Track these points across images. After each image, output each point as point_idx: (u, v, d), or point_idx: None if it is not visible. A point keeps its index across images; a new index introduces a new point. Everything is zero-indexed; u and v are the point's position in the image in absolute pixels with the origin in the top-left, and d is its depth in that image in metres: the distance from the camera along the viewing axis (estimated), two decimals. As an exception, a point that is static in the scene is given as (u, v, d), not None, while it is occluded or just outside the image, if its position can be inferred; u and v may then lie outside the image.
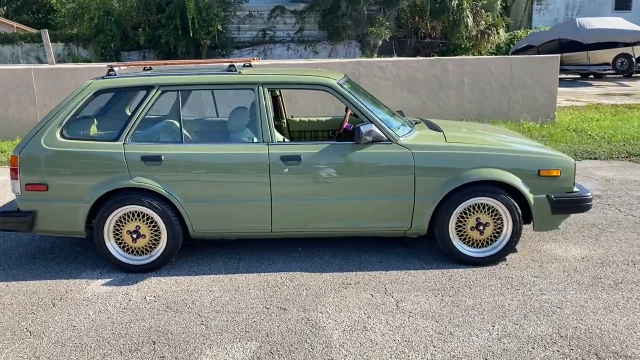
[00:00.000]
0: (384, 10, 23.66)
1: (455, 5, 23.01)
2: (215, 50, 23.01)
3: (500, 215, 3.94)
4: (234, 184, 3.90)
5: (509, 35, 25.25)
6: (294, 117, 5.41)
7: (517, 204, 3.90)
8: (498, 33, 24.03)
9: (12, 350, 3.03)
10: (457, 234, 3.97)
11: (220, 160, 3.89)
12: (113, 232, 3.96)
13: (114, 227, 3.95)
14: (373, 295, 3.59)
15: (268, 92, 3.99)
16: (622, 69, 18.33)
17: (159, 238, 3.97)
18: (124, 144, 3.88)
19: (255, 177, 3.88)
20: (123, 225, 3.95)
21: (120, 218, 3.94)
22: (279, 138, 4.21)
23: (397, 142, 3.89)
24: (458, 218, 3.95)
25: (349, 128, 4.75)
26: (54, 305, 3.55)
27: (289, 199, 3.92)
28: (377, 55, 23.46)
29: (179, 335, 3.15)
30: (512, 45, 23.83)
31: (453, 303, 3.46)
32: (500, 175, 3.84)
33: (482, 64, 9.30)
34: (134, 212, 3.93)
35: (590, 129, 8.84)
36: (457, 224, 3.96)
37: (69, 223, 3.96)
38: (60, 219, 3.96)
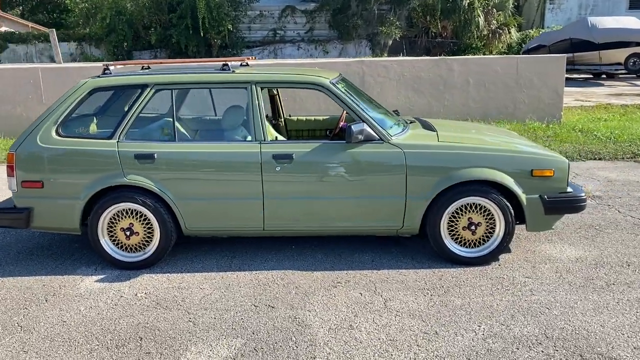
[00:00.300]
0: (395, 10, 23.60)
1: (467, 5, 22.87)
2: (226, 50, 23.09)
3: (493, 215, 3.92)
4: (227, 182, 3.93)
5: (521, 35, 25.07)
6: (292, 116, 5.42)
7: (509, 204, 3.88)
8: (510, 33, 23.86)
9: (1, 345, 3.08)
10: (449, 234, 3.96)
11: (213, 159, 3.92)
12: (107, 229, 4.01)
13: (108, 224, 4.00)
14: (362, 294, 3.59)
15: (261, 91, 4.01)
16: (634, 69, 18.10)
17: (152, 235, 4.01)
18: (118, 142, 3.92)
19: (248, 175, 3.90)
20: (117, 223, 3.99)
21: (114, 215, 3.98)
22: (275, 136, 4.23)
23: (389, 141, 3.89)
24: (450, 218, 3.94)
25: (345, 127, 4.75)
26: (47, 301, 3.60)
27: (281, 198, 3.93)
28: (387, 55, 23.41)
29: (166, 332, 3.18)
30: (523, 45, 23.65)
31: (441, 302, 3.45)
32: (492, 175, 3.83)
33: (487, 64, 9.25)
34: (128, 209, 3.97)
35: (597, 129, 8.76)
36: (449, 224, 3.95)
37: (64, 220, 4.01)
38: (56, 216, 4.02)
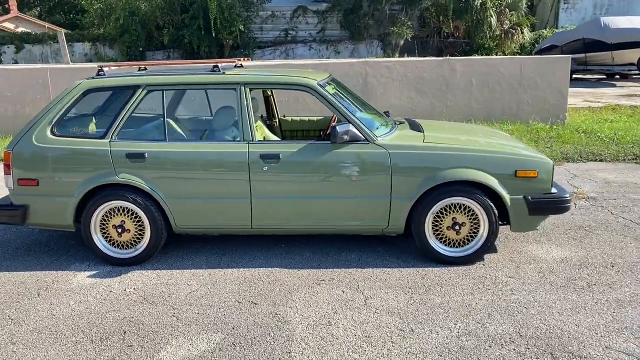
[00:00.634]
0: (406, 10, 23.61)
1: (479, 5, 22.82)
2: (238, 50, 23.28)
3: (477, 216, 3.96)
4: (215, 182, 4.02)
5: (534, 35, 24.93)
6: (286, 116, 5.50)
7: (493, 205, 3.92)
8: (522, 33, 23.76)
9: (-9, 336, 3.20)
10: (433, 233, 4.01)
11: (202, 158, 4.01)
12: (100, 226, 4.12)
13: (101, 221, 4.11)
14: (344, 292, 3.66)
15: (250, 92, 4.09)
16: (647, 70, 17.93)
17: (143, 233, 4.11)
18: (110, 142, 4.03)
19: (236, 174, 3.98)
20: (109, 220, 4.10)
21: (107, 213, 4.09)
22: (264, 137, 4.31)
23: (374, 141, 3.95)
24: (435, 217, 3.99)
25: None
26: (39, 295, 3.72)
27: (268, 197, 4.01)
28: (398, 55, 23.41)
29: (150, 326, 3.28)
30: (536, 45, 23.50)
31: (421, 301, 3.51)
32: (476, 176, 3.87)
33: (491, 65, 9.25)
34: (119, 207, 4.07)
35: (601, 131, 8.71)
36: (433, 224, 4.00)
37: (59, 217, 4.13)
38: (50, 213, 4.14)
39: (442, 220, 3.99)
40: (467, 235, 4.01)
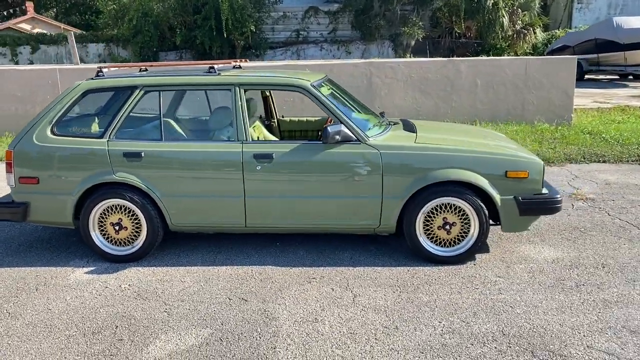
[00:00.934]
0: (418, 10, 23.58)
1: (491, 5, 22.71)
2: (249, 51, 23.44)
3: (468, 216, 4.00)
4: (210, 181, 4.10)
5: (547, 35, 24.77)
6: (285, 117, 5.57)
7: (483, 205, 3.95)
8: (535, 33, 23.61)
9: (-12, 329, 3.31)
10: (424, 233, 4.05)
11: (197, 158, 4.09)
12: (98, 224, 4.22)
13: (99, 219, 4.21)
14: (334, 290, 3.71)
15: (244, 93, 4.16)
16: (660, 70, 17.75)
17: (140, 230, 4.20)
18: (108, 141, 4.13)
19: (230, 174, 4.06)
20: (107, 218, 4.20)
21: (104, 211, 4.19)
22: (257, 137, 4.38)
23: (366, 142, 4.00)
24: (426, 217, 4.03)
25: None
26: (37, 290, 3.82)
27: (261, 196, 4.08)
28: (409, 55, 23.39)
29: (141, 321, 3.36)
30: (549, 45, 23.34)
31: (408, 299, 3.55)
32: (466, 176, 3.90)
33: (496, 65, 9.24)
34: (117, 205, 4.17)
35: (606, 132, 8.67)
36: (424, 223, 4.04)
37: (58, 214, 4.23)
38: (50, 211, 4.24)
39: (433, 220, 4.03)
40: (457, 235, 4.04)
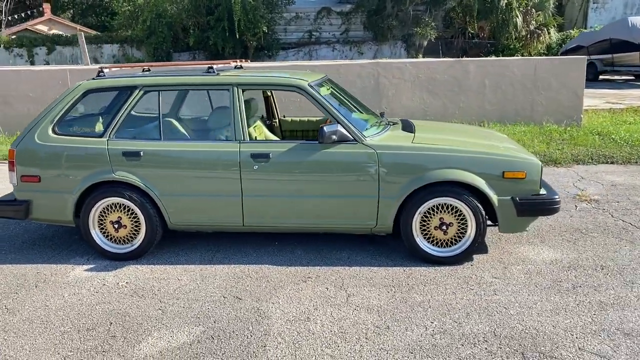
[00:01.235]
0: (430, 11, 23.48)
1: (504, 5, 22.55)
2: (262, 52, 23.51)
3: (464, 216, 3.98)
4: (208, 180, 4.12)
5: (562, 35, 24.51)
6: (286, 116, 5.59)
7: (480, 205, 3.93)
8: (549, 33, 23.38)
9: (-14, 324, 3.36)
10: (421, 233, 4.04)
11: (195, 157, 4.12)
12: (98, 222, 4.27)
13: (99, 217, 4.26)
14: (328, 289, 3.72)
15: (242, 92, 4.19)
16: (676, 71, 17.49)
17: (139, 229, 4.25)
18: (108, 140, 4.18)
19: (227, 173, 4.08)
20: (107, 216, 4.25)
21: (104, 209, 4.24)
22: (255, 136, 4.41)
23: (362, 142, 4.00)
24: (422, 217, 4.02)
25: None
26: (36, 287, 3.88)
27: (259, 195, 4.10)
28: (422, 56, 23.31)
29: (135, 318, 3.40)
30: (563, 46, 23.10)
31: (402, 299, 3.55)
32: (463, 176, 3.89)
33: (504, 65, 9.18)
34: (116, 203, 4.22)
35: (616, 133, 8.56)
36: (421, 223, 4.03)
37: (59, 212, 4.29)
38: (52, 209, 4.30)
39: (429, 220, 4.02)
40: (454, 236, 4.03)
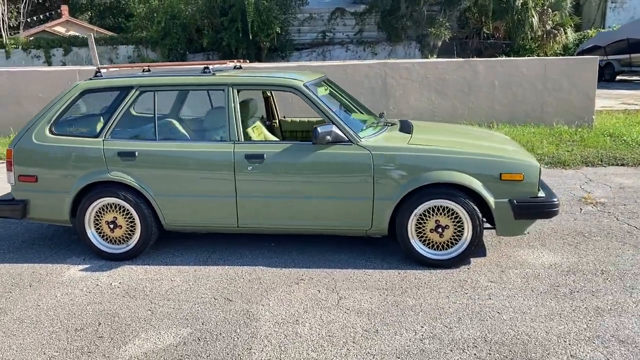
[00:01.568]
0: (445, 11, 23.26)
1: (520, 5, 22.28)
2: (275, 53, 23.51)
3: (461, 219, 3.91)
4: (202, 180, 4.11)
5: (579, 35, 24.16)
6: (286, 117, 5.56)
7: (477, 208, 3.86)
8: (566, 33, 23.05)
9: (-23, 324, 3.38)
10: (416, 235, 3.98)
11: (189, 157, 4.11)
12: (94, 222, 4.27)
13: (95, 217, 4.26)
14: (320, 291, 3.68)
15: (237, 93, 4.16)
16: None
17: (134, 229, 4.24)
18: (104, 141, 4.18)
19: (221, 174, 4.06)
20: (102, 216, 4.25)
21: (100, 209, 4.24)
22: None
23: (357, 143, 3.95)
24: (418, 219, 3.96)
25: None
26: (30, 286, 3.89)
27: (253, 196, 4.07)
28: (436, 56, 23.13)
29: (124, 319, 3.39)
30: (580, 46, 22.78)
31: (394, 302, 3.49)
32: (459, 178, 3.82)
33: (514, 66, 9.05)
34: (112, 204, 4.22)
35: (628, 134, 8.39)
36: (417, 226, 3.97)
37: (56, 212, 4.30)
38: (48, 208, 4.32)
39: (425, 223, 3.96)
40: (451, 238, 3.96)
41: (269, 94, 5.39)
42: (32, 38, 25.65)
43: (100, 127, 4.25)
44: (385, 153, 3.92)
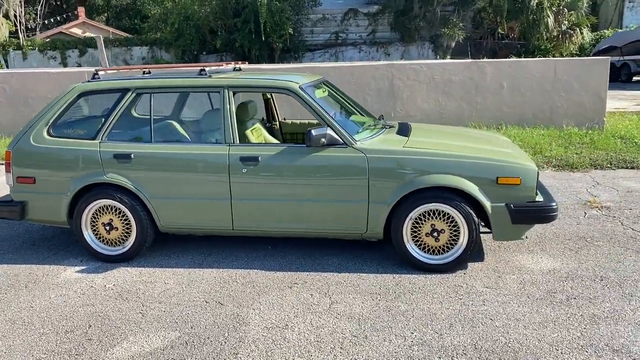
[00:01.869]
0: (459, 11, 23.09)
1: (535, 5, 22.03)
2: (288, 54, 23.52)
3: (457, 223, 3.85)
4: (197, 183, 4.10)
5: (595, 36, 23.83)
6: (286, 119, 5.53)
7: (473, 212, 3.80)
8: (582, 33, 22.74)
9: (-31, 325, 3.40)
10: (412, 240, 3.93)
11: (184, 160, 4.10)
12: (90, 223, 4.29)
13: (91, 219, 4.28)
14: (312, 296, 3.64)
15: (233, 95, 4.15)
16: None
17: (130, 231, 4.25)
18: (100, 143, 4.20)
19: (216, 176, 4.05)
20: (99, 218, 4.26)
21: (97, 211, 4.26)
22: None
23: (352, 145, 3.91)
24: (413, 223, 3.91)
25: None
26: (26, 288, 3.91)
27: (248, 199, 4.05)
28: (450, 57, 22.97)
29: (114, 321, 3.39)
30: (596, 46, 22.47)
31: (386, 308, 3.45)
32: (454, 182, 3.76)
33: (522, 67, 8.93)
34: (108, 206, 4.23)
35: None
36: (412, 230, 3.92)
37: (54, 213, 4.33)
38: (46, 210, 4.35)
39: (421, 227, 3.91)
40: (447, 243, 3.90)
41: (269, 96, 5.37)
42: (48, 39, 25.97)
43: (97, 129, 4.26)
44: (381, 156, 3.88)
